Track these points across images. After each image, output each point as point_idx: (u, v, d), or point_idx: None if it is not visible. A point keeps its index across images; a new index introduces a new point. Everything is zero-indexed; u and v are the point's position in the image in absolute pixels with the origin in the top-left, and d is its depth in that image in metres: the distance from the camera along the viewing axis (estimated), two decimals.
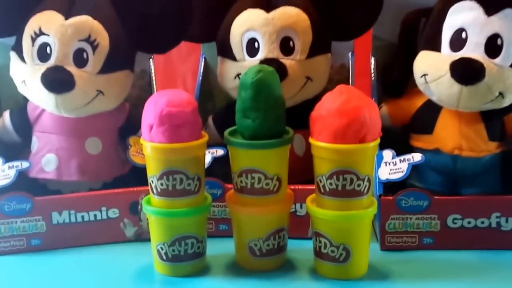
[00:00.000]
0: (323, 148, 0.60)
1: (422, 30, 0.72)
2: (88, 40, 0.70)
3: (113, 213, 0.71)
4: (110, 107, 0.73)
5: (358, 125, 0.59)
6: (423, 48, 0.71)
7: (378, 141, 0.61)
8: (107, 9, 0.73)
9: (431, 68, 0.69)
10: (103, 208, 0.70)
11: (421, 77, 0.70)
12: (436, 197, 0.68)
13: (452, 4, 0.69)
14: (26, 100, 0.75)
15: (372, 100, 0.64)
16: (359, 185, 0.60)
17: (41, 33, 0.70)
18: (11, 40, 0.74)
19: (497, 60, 0.67)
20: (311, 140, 0.61)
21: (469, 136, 0.70)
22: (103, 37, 0.71)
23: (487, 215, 0.68)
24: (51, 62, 0.70)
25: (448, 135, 0.71)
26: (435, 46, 0.69)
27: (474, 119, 0.71)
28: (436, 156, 0.71)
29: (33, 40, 0.70)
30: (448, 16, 0.69)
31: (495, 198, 0.69)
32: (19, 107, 0.76)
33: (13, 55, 0.73)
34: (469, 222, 0.68)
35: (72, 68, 0.69)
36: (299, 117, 0.64)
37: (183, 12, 0.73)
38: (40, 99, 0.71)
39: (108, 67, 0.71)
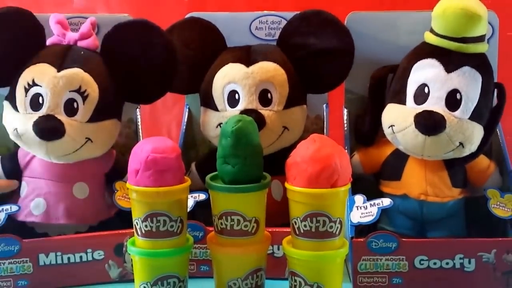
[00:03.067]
0: (298, 192, 0.62)
1: (390, 85, 0.76)
2: (78, 91, 0.73)
3: (98, 254, 0.72)
4: (97, 154, 0.75)
5: (330, 171, 0.61)
6: (390, 101, 0.74)
7: (349, 186, 0.63)
8: (98, 62, 0.75)
9: (398, 120, 0.72)
10: (89, 250, 0.72)
11: (389, 127, 0.73)
12: (404, 239, 0.70)
13: (416, 62, 0.73)
14: (17, 146, 0.77)
15: (343, 148, 0.67)
16: (331, 227, 0.62)
17: (34, 84, 0.73)
18: (4, 91, 0.76)
19: (457, 113, 0.70)
20: (286, 185, 0.63)
21: (434, 182, 0.74)
22: (93, 88, 0.73)
23: (451, 256, 0.70)
24: (43, 111, 0.72)
25: (414, 182, 0.74)
26: (401, 99, 0.73)
27: (438, 167, 0.74)
28: (404, 201, 0.74)
29: (26, 90, 0.73)
30: (412, 72, 0.73)
31: (458, 241, 0.71)
32: (10, 153, 0.78)
33: (6, 104, 0.75)
34: (435, 263, 0.70)
35: (62, 117, 0.72)
36: (277, 164, 0.66)
37: (168, 66, 0.76)
38: (31, 146, 0.73)
39: (97, 116, 0.74)
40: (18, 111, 0.73)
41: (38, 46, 0.76)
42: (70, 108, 0.73)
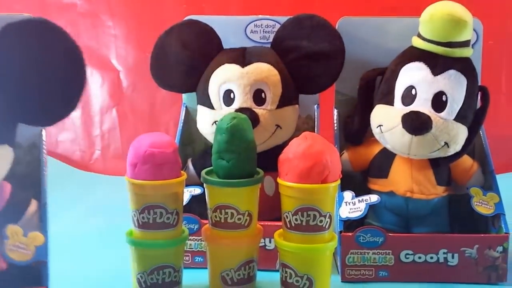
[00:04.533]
0: (289, 187, 0.62)
1: (378, 87, 0.76)
2: None
3: None
4: None
5: (321, 167, 0.61)
6: (379, 102, 0.74)
7: (339, 181, 0.63)
8: None
9: (386, 120, 0.72)
10: None
11: (377, 127, 0.73)
12: (391, 234, 0.70)
13: (404, 65, 0.72)
14: None
15: (334, 147, 0.67)
16: (321, 221, 0.62)
17: None
18: None
19: (442, 114, 0.70)
20: (279, 180, 0.63)
21: (420, 180, 0.73)
22: None
23: (436, 251, 0.70)
24: None
25: (401, 179, 0.74)
26: (389, 100, 0.73)
27: (424, 166, 0.73)
28: (391, 198, 0.74)
29: None
30: (400, 75, 0.72)
31: (443, 236, 0.71)
32: None
33: None
34: (419, 257, 0.70)
35: None
36: (270, 160, 0.66)
37: (73, 79, 0.58)
38: None
39: None
40: None
41: None
42: None
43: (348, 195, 0.73)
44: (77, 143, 1.22)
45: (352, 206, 0.72)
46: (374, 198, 0.72)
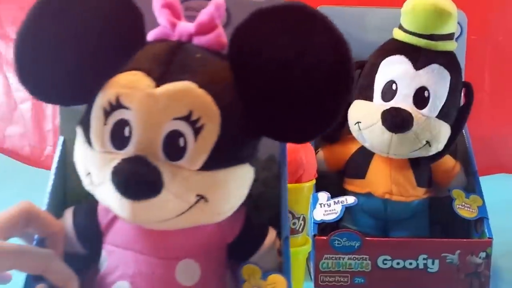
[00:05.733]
0: None
1: (357, 81, 0.73)
2: (187, 119, 0.43)
3: None
4: (214, 219, 0.46)
5: (295, 166, 0.59)
6: (357, 97, 0.71)
7: (314, 181, 0.60)
8: (222, 73, 0.45)
9: (364, 117, 0.69)
10: None
11: (355, 124, 0.70)
12: (368, 238, 0.67)
13: (384, 58, 0.69)
14: None
15: (309, 144, 0.64)
16: (294, 224, 0.59)
17: (118, 104, 0.43)
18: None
19: (424, 110, 0.67)
20: None
21: (399, 181, 0.71)
22: (211, 116, 0.43)
23: (415, 257, 0.67)
24: (129, 151, 0.43)
25: (379, 180, 0.71)
26: (368, 96, 0.70)
27: (404, 166, 0.71)
28: (368, 200, 0.71)
29: (107, 114, 0.44)
30: (380, 69, 0.69)
31: (422, 241, 0.68)
32: (89, 203, 0.48)
33: (79, 132, 0.46)
34: (398, 263, 0.67)
35: (160, 162, 0.43)
36: None
37: (338, 83, 0.44)
38: (111, 203, 0.44)
39: (216, 160, 0.44)
40: (92, 146, 0.45)
41: (133, 44, 0.46)
42: (173, 147, 0.43)
43: (323, 196, 0.69)
44: (27, 137, 1.18)
45: (327, 208, 0.69)
46: (350, 199, 0.69)
